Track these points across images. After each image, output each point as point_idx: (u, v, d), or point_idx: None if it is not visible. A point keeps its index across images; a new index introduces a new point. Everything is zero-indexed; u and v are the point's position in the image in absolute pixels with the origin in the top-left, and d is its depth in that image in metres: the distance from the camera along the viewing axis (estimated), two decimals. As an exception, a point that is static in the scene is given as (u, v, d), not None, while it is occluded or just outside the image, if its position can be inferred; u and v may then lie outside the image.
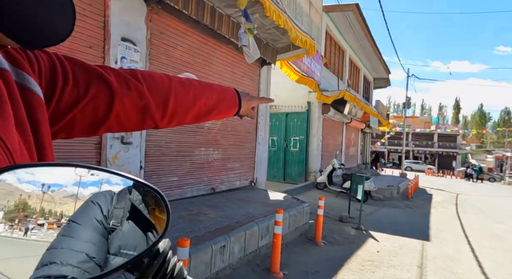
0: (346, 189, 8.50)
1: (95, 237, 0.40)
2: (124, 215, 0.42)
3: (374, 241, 5.14)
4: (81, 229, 0.39)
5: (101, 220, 0.41)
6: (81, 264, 0.37)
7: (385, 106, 19.35)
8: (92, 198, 0.41)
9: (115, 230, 0.41)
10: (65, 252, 0.37)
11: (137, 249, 0.41)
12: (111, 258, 0.39)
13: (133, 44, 3.72)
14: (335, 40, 11.78)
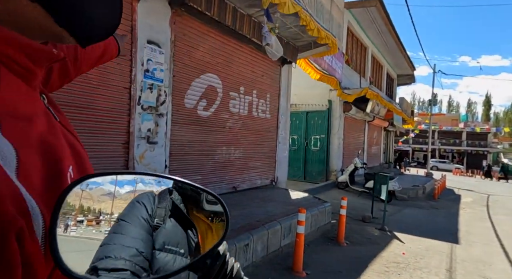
0: (368, 188, 8.33)
1: (142, 234, 0.43)
2: (166, 214, 0.46)
3: (398, 242, 5.01)
4: (129, 226, 0.42)
5: (147, 218, 0.44)
6: (132, 258, 0.40)
7: (410, 104, 18.72)
8: (137, 198, 0.44)
9: (159, 228, 0.45)
10: (117, 247, 0.40)
11: (179, 245, 0.44)
12: (157, 253, 0.43)
13: (158, 46, 3.84)
14: (356, 36, 11.53)
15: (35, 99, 0.36)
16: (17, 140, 0.29)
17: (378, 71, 14.69)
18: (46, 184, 0.32)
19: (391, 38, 12.44)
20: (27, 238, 0.26)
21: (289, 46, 6.16)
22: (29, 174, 0.29)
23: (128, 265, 0.39)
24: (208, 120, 4.83)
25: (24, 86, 0.34)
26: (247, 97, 5.69)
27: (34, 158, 0.32)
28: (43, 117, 0.37)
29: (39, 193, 0.30)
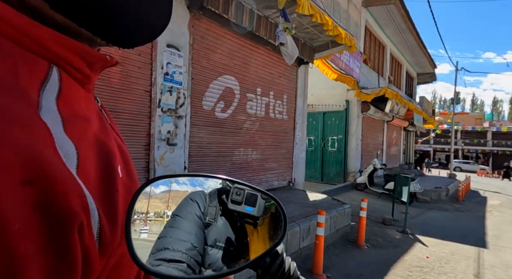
0: (388, 190, 8.13)
1: (196, 229, 0.46)
2: (217, 212, 0.48)
3: (421, 246, 4.86)
4: (184, 221, 0.45)
5: (200, 216, 0.47)
6: (188, 251, 0.43)
7: (430, 103, 18.14)
8: (190, 196, 0.47)
9: (211, 225, 0.47)
10: (174, 241, 0.43)
11: (229, 243, 0.46)
12: (209, 249, 0.45)
13: (177, 50, 3.91)
14: (374, 35, 11.31)
15: (91, 102, 0.38)
16: (77, 139, 0.31)
17: (397, 70, 14.34)
18: (101, 181, 0.33)
19: (411, 36, 12.12)
20: (85, 233, 0.28)
21: (306, 47, 6.12)
22: (87, 171, 0.31)
23: (184, 258, 0.42)
24: (225, 122, 4.87)
25: (81, 89, 0.35)
26: (264, 98, 5.69)
27: (91, 156, 0.33)
28: (96, 118, 0.38)
29: (94, 189, 0.31)
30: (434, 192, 9.80)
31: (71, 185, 0.27)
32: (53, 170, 0.25)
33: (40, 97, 0.28)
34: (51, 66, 0.30)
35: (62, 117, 0.30)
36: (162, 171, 3.78)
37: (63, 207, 0.25)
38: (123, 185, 0.37)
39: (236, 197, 0.48)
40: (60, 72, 0.31)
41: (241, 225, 0.48)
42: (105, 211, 0.31)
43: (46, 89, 0.29)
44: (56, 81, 0.31)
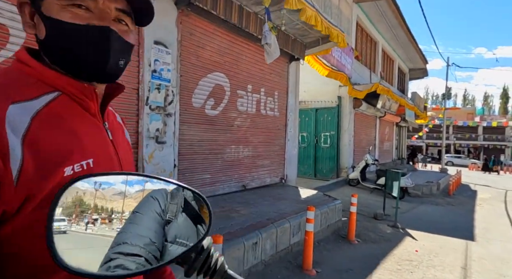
0: (380, 185, 8.20)
1: (155, 226, 0.48)
2: (178, 209, 0.50)
3: (412, 240, 4.92)
4: (144, 218, 0.47)
5: (160, 213, 0.49)
6: (146, 246, 0.45)
7: (423, 98, 18.28)
8: (151, 194, 0.49)
9: (171, 222, 0.49)
10: (133, 236, 0.45)
11: (189, 239, 0.48)
12: (169, 245, 0.47)
13: (165, 47, 3.86)
14: (366, 31, 11.34)
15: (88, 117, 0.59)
16: (41, 123, 0.50)
17: (389, 65, 14.42)
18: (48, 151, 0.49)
19: (402, 32, 12.17)
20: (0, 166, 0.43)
21: (297, 43, 6.11)
22: (35, 139, 0.48)
23: (142, 252, 0.44)
24: (216, 119, 4.85)
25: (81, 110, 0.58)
26: (255, 95, 5.67)
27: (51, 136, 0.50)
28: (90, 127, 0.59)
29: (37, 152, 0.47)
30: (425, 186, 9.92)
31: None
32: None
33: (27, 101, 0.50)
34: (54, 91, 0.55)
35: (39, 112, 0.50)
36: (151, 169, 3.76)
37: None
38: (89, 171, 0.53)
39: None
40: (61, 95, 0.55)
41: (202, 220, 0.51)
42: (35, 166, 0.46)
43: (40, 99, 0.52)
44: (51, 97, 0.54)
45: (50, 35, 0.55)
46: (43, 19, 0.55)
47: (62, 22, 0.54)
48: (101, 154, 0.58)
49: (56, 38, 0.55)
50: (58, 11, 0.54)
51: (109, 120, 0.68)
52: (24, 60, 0.55)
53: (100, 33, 0.56)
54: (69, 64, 0.57)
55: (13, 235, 0.46)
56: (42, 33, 0.56)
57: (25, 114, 0.48)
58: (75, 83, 0.56)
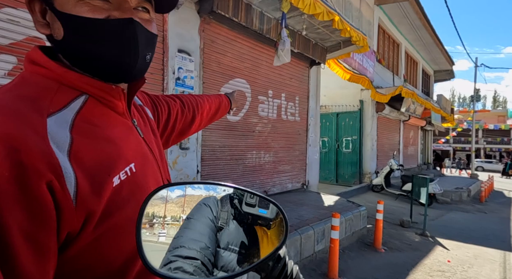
0: (406, 191, 7.91)
1: (209, 231, 0.49)
2: (229, 217, 0.51)
3: (442, 249, 4.68)
4: (198, 223, 0.49)
5: (212, 219, 0.50)
6: (202, 250, 0.47)
7: (449, 101, 17.57)
8: (203, 201, 0.50)
9: (223, 229, 0.51)
10: (189, 240, 0.47)
11: (241, 246, 0.49)
12: (222, 251, 0.48)
13: (188, 54, 3.95)
14: (388, 33, 11.09)
15: (117, 118, 0.55)
16: (79, 134, 0.46)
17: (412, 68, 13.99)
18: (95, 163, 0.46)
19: (426, 33, 11.80)
20: (57, 189, 0.40)
21: (318, 47, 6.06)
22: (80, 155, 0.44)
23: (199, 255, 0.46)
24: (237, 125, 4.88)
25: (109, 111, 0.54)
26: (276, 100, 5.66)
27: (91, 146, 0.47)
28: (121, 128, 0.55)
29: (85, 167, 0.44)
30: (454, 192, 9.46)
31: (40, 152, 0.39)
32: (29, 145, 0.39)
33: (59, 111, 0.46)
34: (81, 94, 0.50)
35: (73, 122, 0.46)
36: (175, 175, 3.82)
37: (28, 165, 0.38)
38: (131, 179, 0.51)
39: (250, 200, 0.51)
40: (88, 99, 0.51)
41: (253, 229, 0.51)
42: (88, 183, 0.43)
43: (69, 107, 0.48)
44: (80, 103, 0.49)
45: (69, 35, 0.48)
46: (58, 16, 0.48)
47: (80, 17, 0.47)
48: (138, 156, 0.56)
49: (76, 38, 0.49)
50: (73, 5, 0.47)
51: (136, 115, 0.64)
52: (41, 62, 0.48)
53: (123, 27, 0.50)
54: (94, 66, 0.51)
55: (77, 254, 0.45)
56: (59, 32, 0.49)
57: (63, 126, 0.45)
58: (101, 84, 0.51)
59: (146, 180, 0.55)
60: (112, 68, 0.52)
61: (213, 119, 1.13)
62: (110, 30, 0.49)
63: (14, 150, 0.38)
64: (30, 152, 0.39)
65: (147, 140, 0.62)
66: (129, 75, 0.53)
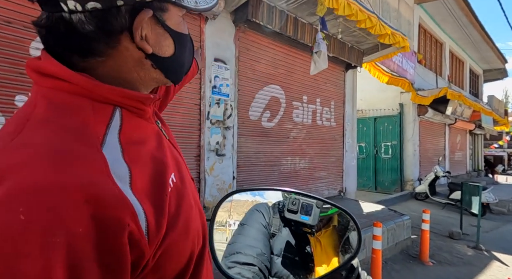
0: (454, 200, 7.32)
1: (263, 238, 0.50)
2: (280, 224, 0.51)
3: (500, 265, 4.24)
4: (251, 229, 0.49)
5: (265, 225, 0.51)
6: (258, 256, 0.47)
7: (502, 102, 16.10)
8: (255, 207, 0.51)
9: (276, 235, 0.51)
10: (244, 246, 0.47)
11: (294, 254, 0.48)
12: (275, 258, 0.48)
13: (224, 63, 4.05)
14: (430, 32, 10.49)
15: (149, 127, 0.52)
16: (131, 160, 0.42)
17: (458, 68, 13.07)
18: (152, 189, 0.43)
19: (474, 30, 10.98)
20: (135, 232, 0.37)
21: (354, 50, 5.90)
22: (139, 185, 0.41)
23: (256, 261, 0.46)
24: (272, 131, 4.87)
25: (139, 119, 0.50)
26: (311, 106, 5.59)
27: (145, 171, 0.44)
28: (154, 138, 0.51)
29: (146, 196, 0.41)
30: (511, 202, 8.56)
31: (119, 200, 0.37)
32: (103, 192, 0.35)
33: (105, 135, 0.42)
34: (115, 108, 0.45)
35: (122, 146, 0.43)
36: (211, 181, 3.90)
37: (106, 217, 0.35)
38: (175, 189, 0.48)
39: (292, 206, 0.51)
40: (122, 111, 0.46)
41: (305, 236, 0.51)
42: (153, 211, 0.41)
43: (111, 127, 0.43)
44: (118, 119, 0.45)
45: (179, 51, 0.52)
46: (173, 35, 0.50)
47: (185, 35, 0.53)
48: (174, 163, 0.53)
49: (182, 53, 0.53)
50: (181, 24, 0.51)
51: (158, 116, 0.61)
52: (64, 76, 0.42)
53: (191, 39, 0.57)
54: (177, 75, 0.55)
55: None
56: (168, 50, 0.50)
57: (117, 155, 0.41)
58: (137, 94, 0.47)
59: (184, 187, 0.52)
60: (183, 75, 0.58)
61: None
62: (190, 43, 0.56)
63: (85, 202, 0.33)
64: (104, 201, 0.35)
65: (172, 141, 0.60)
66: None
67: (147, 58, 0.48)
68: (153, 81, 0.53)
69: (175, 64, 0.53)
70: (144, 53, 0.47)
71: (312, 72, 4.26)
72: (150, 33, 0.46)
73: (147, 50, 0.46)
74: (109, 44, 0.44)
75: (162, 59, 0.50)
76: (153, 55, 0.48)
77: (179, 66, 0.54)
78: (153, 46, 0.47)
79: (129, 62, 0.47)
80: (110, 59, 0.46)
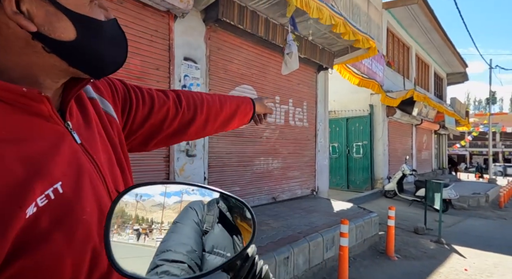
0: (420, 197, 7.69)
1: (195, 235, 0.50)
2: (214, 220, 0.52)
3: (459, 257, 4.50)
4: (184, 227, 0.49)
5: (198, 223, 0.51)
6: (189, 253, 0.47)
7: (463, 104, 17.14)
8: (190, 205, 0.51)
9: (208, 232, 0.51)
10: (175, 244, 0.47)
11: (226, 249, 0.49)
12: (207, 255, 0.49)
13: (194, 62, 3.99)
14: (398, 37, 10.97)
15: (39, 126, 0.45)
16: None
17: (424, 71, 13.76)
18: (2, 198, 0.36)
19: (437, 35, 11.61)
20: None
21: (325, 52, 6.03)
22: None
23: (185, 259, 0.46)
24: (245, 131, 4.87)
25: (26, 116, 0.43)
26: (283, 106, 5.64)
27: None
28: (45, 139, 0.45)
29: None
30: (472, 198, 9.14)
31: None
32: None
33: None
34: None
35: None
36: (182, 181, 3.82)
37: None
38: (60, 200, 0.42)
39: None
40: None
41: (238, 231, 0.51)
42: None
43: None
44: None
45: (83, 37, 0.45)
46: (69, 15, 0.43)
47: (97, 21, 0.46)
48: (71, 170, 0.46)
49: (90, 40, 0.46)
50: (81, 5, 0.44)
51: (75, 117, 0.53)
52: None
53: (116, 27, 0.50)
54: (93, 65, 0.49)
55: None
56: (65, 33, 0.44)
57: None
58: (10, 86, 0.41)
59: (81, 199, 0.45)
60: (110, 68, 0.51)
61: (227, 125, 0.93)
62: (112, 32, 0.49)
63: None
64: None
65: (86, 146, 0.51)
66: (113, 71, 0.52)
67: (34, 38, 0.42)
68: (53, 68, 0.46)
69: (81, 51, 0.46)
70: (30, 33, 0.41)
71: (284, 73, 4.30)
72: (34, 9, 0.41)
73: (26, 27, 0.40)
74: None
75: (57, 42, 0.43)
76: (41, 35, 0.42)
77: (90, 55, 0.47)
78: (40, 25, 0.42)
79: (13, 42, 0.42)
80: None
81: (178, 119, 0.79)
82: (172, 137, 0.81)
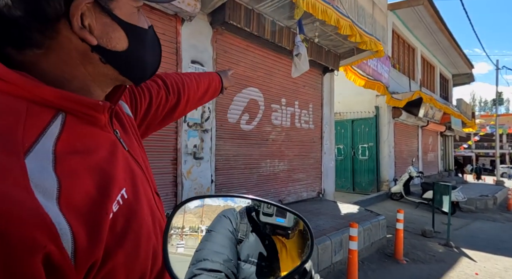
0: (427, 199, 7.62)
1: (230, 244, 0.50)
2: (248, 229, 0.51)
3: (469, 261, 4.44)
4: (218, 236, 0.49)
5: (232, 231, 0.51)
6: (225, 262, 0.47)
7: (469, 105, 16.99)
8: (223, 213, 0.50)
9: (243, 241, 0.51)
10: (211, 253, 0.47)
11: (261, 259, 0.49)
12: (242, 264, 0.48)
13: (201, 65, 4.00)
14: (403, 38, 10.91)
15: (101, 135, 0.47)
16: (66, 172, 0.37)
17: (429, 72, 13.67)
18: (88, 203, 0.38)
19: (443, 36, 11.53)
20: (55, 255, 0.32)
21: (331, 54, 6.02)
22: (70, 198, 0.36)
23: (222, 268, 0.46)
24: (251, 134, 4.87)
25: (90, 127, 0.45)
26: (289, 108, 5.63)
27: (80, 183, 0.38)
28: (106, 148, 0.47)
29: (79, 211, 0.36)
30: (479, 200, 9.03)
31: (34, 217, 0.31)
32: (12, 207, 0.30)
33: (36, 142, 0.36)
34: (57, 113, 0.41)
35: (55, 156, 0.37)
36: (189, 184, 3.82)
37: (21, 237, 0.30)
38: (126, 206, 0.44)
39: (267, 209, 0.51)
40: (66, 117, 0.41)
41: (271, 241, 0.51)
42: (86, 231, 0.36)
43: (46, 133, 0.38)
44: (58, 125, 0.40)
45: (134, 45, 0.47)
46: (124, 26, 0.45)
47: (143, 29, 0.48)
48: (128, 176, 0.48)
49: (139, 48, 0.48)
50: (131, 14, 0.46)
51: (116, 123, 0.54)
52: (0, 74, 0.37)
53: (154, 34, 0.53)
54: (136, 73, 0.51)
55: None
56: (119, 43, 0.45)
57: (45, 166, 0.36)
58: (80, 98, 0.42)
59: (139, 202, 0.48)
60: (149, 74, 0.54)
61: (201, 102, 1.00)
62: (152, 39, 0.52)
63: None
64: (11, 217, 0.30)
65: (132, 152, 0.54)
66: (150, 77, 0.55)
67: (93, 51, 0.43)
68: (105, 77, 0.47)
69: (131, 60, 0.48)
70: (89, 45, 0.42)
71: (294, 75, 4.30)
72: (94, 23, 0.42)
73: (90, 41, 0.42)
74: (45, 33, 0.39)
75: (112, 53, 0.45)
76: (100, 47, 0.43)
77: (138, 63, 0.49)
78: (99, 38, 0.43)
79: (73, 55, 0.43)
80: (51, 52, 0.41)
81: (168, 105, 0.84)
82: (161, 123, 0.86)
